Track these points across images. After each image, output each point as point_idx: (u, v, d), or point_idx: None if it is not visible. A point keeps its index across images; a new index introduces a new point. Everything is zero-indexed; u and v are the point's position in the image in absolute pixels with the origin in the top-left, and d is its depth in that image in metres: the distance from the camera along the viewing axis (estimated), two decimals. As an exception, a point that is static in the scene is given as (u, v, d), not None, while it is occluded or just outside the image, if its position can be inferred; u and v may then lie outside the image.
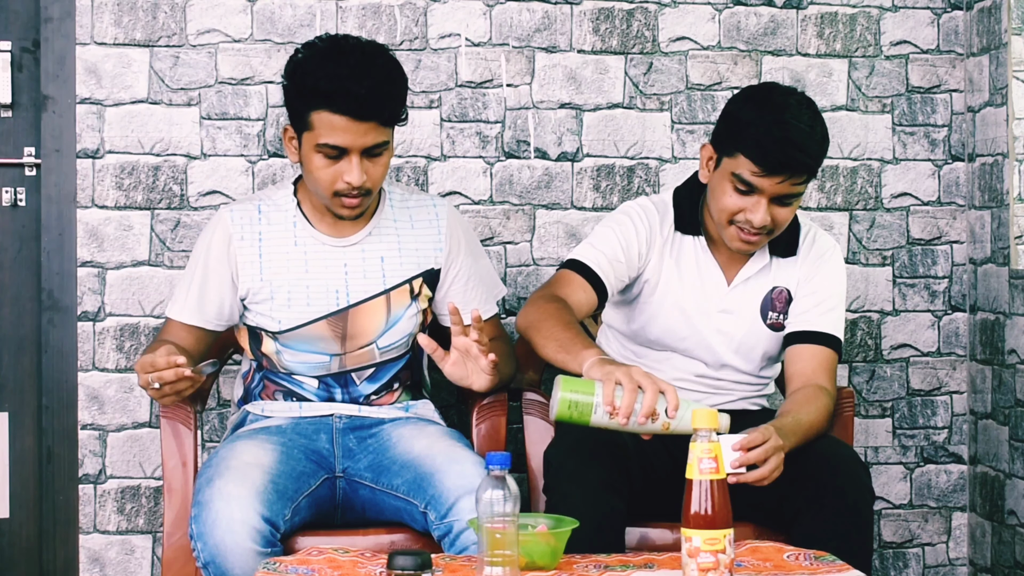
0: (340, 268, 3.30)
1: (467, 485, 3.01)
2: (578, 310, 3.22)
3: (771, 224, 3.18)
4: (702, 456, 2.43)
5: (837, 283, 3.37)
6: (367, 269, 3.31)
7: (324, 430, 3.31)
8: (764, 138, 3.10)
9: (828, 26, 4.08)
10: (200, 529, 2.95)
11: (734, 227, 3.20)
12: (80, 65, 3.84)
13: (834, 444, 3.20)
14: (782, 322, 3.35)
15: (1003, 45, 3.93)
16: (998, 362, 4.00)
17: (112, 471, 3.87)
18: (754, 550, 2.81)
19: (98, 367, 3.85)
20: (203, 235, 3.36)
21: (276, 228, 3.31)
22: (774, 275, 3.36)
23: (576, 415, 2.85)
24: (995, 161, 3.99)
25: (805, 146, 3.11)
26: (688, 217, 3.35)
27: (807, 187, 3.19)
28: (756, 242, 3.23)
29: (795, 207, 3.21)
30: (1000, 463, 4.00)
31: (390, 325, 3.32)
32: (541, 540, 2.64)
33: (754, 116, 3.14)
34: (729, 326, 3.34)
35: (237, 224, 3.31)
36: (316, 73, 3.12)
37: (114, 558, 3.87)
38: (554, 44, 3.99)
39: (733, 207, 3.18)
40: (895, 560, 4.17)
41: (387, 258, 3.33)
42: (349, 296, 3.29)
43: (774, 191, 3.14)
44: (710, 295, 3.34)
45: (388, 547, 3.07)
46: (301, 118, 3.16)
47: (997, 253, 3.99)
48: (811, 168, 3.14)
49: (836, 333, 3.33)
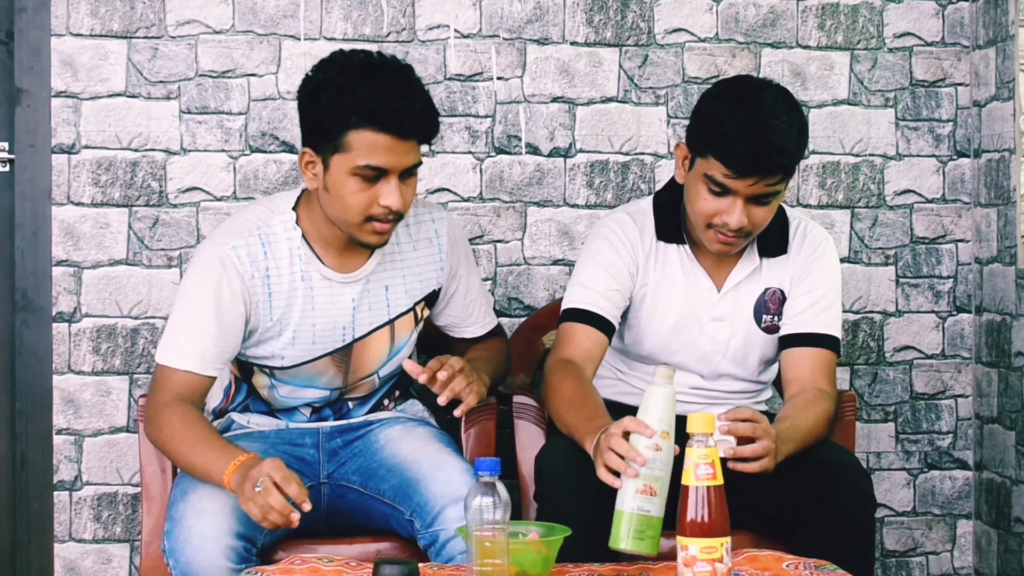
0: (348, 305, 3.17)
1: (453, 493, 2.99)
2: (592, 359, 3.22)
3: (748, 225, 3.12)
4: (698, 462, 2.42)
5: (832, 279, 3.32)
6: (373, 302, 3.21)
7: (310, 435, 3.28)
8: (735, 139, 3.02)
9: (829, 17, 4.08)
10: (172, 545, 2.94)
11: (712, 230, 3.15)
12: (55, 57, 3.82)
13: (835, 450, 3.18)
14: (777, 324, 3.31)
15: (1010, 37, 3.92)
16: (1004, 365, 3.99)
17: (88, 477, 3.85)
18: (752, 559, 2.80)
19: (74, 370, 3.83)
20: (204, 275, 3.10)
21: (282, 263, 3.12)
22: (766, 276, 3.31)
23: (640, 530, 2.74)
24: (1002, 157, 3.98)
25: (779, 145, 3.03)
26: (670, 225, 3.29)
27: (787, 185, 3.13)
28: (735, 243, 3.18)
29: (774, 206, 3.15)
30: (1007, 469, 3.99)
31: (392, 354, 3.27)
32: (532, 548, 2.62)
33: (725, 114, 3.06)
34: (723, 334, 3.31)
35: (245, 262, 3.10)
36: (357, 91, 2.94)
37: (90, 567, 3.85)
38: (546, 36, 3.97)
39: (709, 210, 3.12)
40: (898, 569, 4.16)
41: (392, 287, 3.23)
42: (355, 331, 3.20)
43: (749, 192, 3.07)
44: (701, 304, 3.30)
45: (374, 556, 3.06)
46: (331, 140, 2.97)
47: (1004, 252, 3.98)
48: (786, 168, 3.07)
49: (833, 332, 3.29)
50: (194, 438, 2.99)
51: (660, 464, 2.65)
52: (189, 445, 2.99)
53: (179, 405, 3.04)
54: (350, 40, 3.86)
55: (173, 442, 3.01)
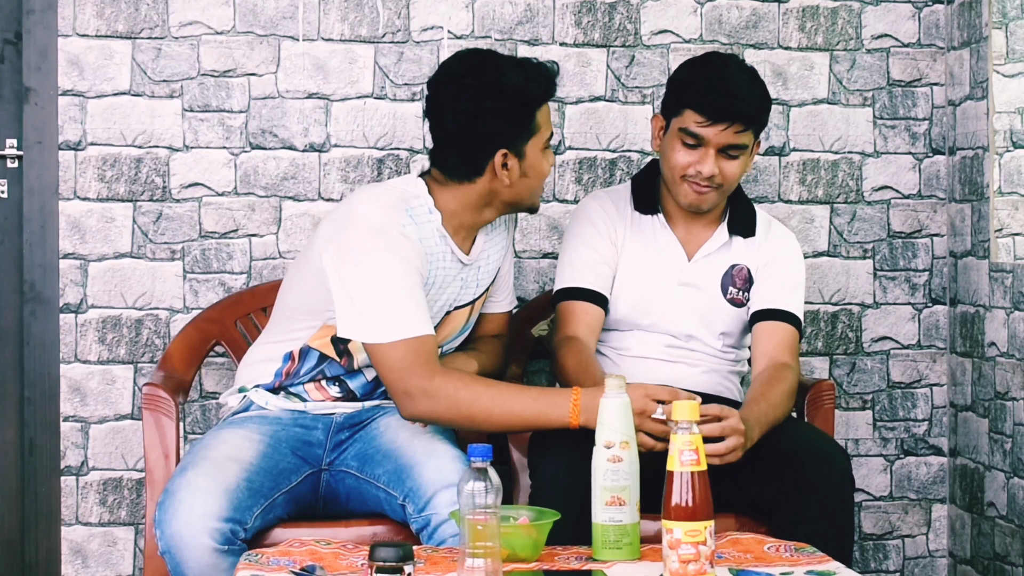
0: (459, 284, 3.29)
1: (444, 479, 3.01)
2: (593, 333, 3.40)
3: (719, 177, 3.32)
4: (683, 448, 2.45)
5: (798, 270, 3.50)
6: (470, 282, 3.33)
7: (323, 422, 3.30)
8: (706, 90, 3.29)
9: (810, 19, 4.09)
10: (161, 516, 2.96)
11: (685, 182, 3.35)
12: (62, 57, 3.83)
13: (816, 436, 3.24)
14: (742, 298, 3.45)
15: (984, 39, 3.94)
16: (978, 355, 4.01)
17: (94, 463, 3.86)
18: (735, 542, 2.83)
19: (80, 359, 3.85)
20: (388, 251, 3.09)
21: (430, 240, 3.18)
22: (734, 253, 3.47)
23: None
24: (975, 155, 4.00)
25: (744, 95, 3.30)
26: (647, 197, 3.48)
27: (752, 148, 3.35)
28: (707, 195, 3.35)
29: (742, 162, 3.34)
30: (980, 455, 4.01)
31: (461, 332, 3.38)
32: (523, 532, 2.67)
33: (696, 75, 3.35)
34: (690, 299, 3.44)
35: (414, 236, 3.14)
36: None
37: (96, 550, 3.87)
38: (536, 37, 4.00)
39: (683, 162, 3.33)
40: (875, 552, 4.18)
41: (482, 269, 3.35)
42: (450, 305, 3.31)
43: (719, 141, 3.29)
44: (672, 269, 3.45)
45: (370, 539, 3.07)
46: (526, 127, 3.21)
47: (977, 246, 4.00)
48: (752, 118, 3.31)
49: (797, 313, 3.45)
50: (509, 393, 3.07)
51: (624, 474, 2.70)
52: (509, 399, 3.06)
53: (445, 371, 3.08)
54: (347, 41, 3.89)
55: (478, 404, 3.05)
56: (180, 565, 2.93)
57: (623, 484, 2.70)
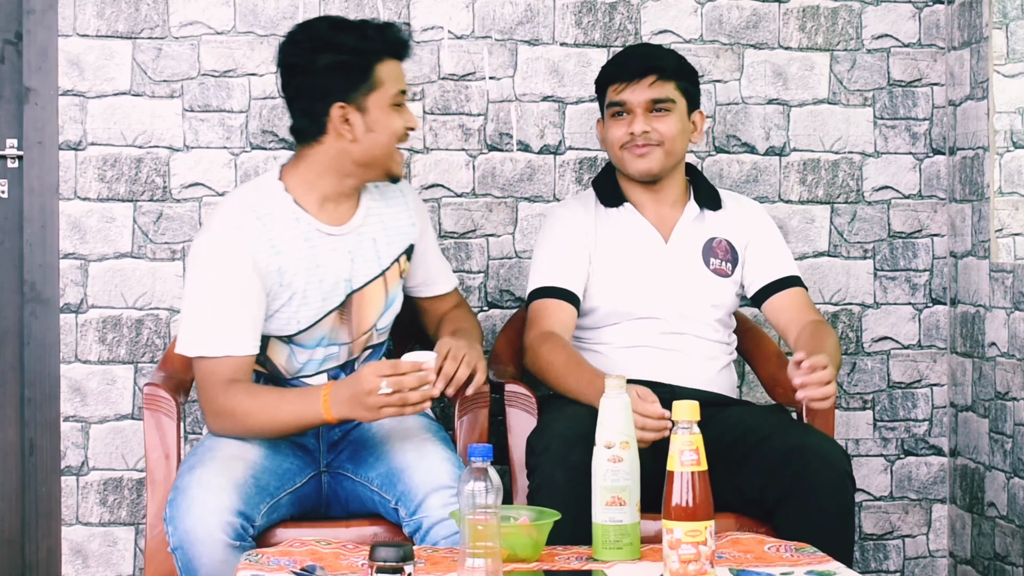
0: (346, 256, 3.25)
1: (434, 482, 3.02)
2: (567, 330, 3.41)
3: (655, 133, 3.42)
4: (683, 448, 2.45)
5: (777, 234, 3.60)
6: (365, 254, 3.28)
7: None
8: (615, 60, 3.54)
9: (810, 19, 4.10)
10: (173, 513, 2.96)
11: (626, 151, 3.46)
12: (62, 57, 3.83)
13: (815, 434, 3.24)
14: (726, 269, 3.49)
15: (984, 39, 3.94)
16: (978, 355, 4.01)
17: (95, 463, 3.86)
18: (735, 542, 2.83)
19: (80, 359, 3.85)
20: (213, 263, 3.14)
21: (283, 230, 3.18)
22: (709, 225, 3.52)
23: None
24: (976, 155, 4.00)
25: (651, 52, 3.56)
26: (609, 191, 3.54)
27: (679, 104, 3.44)
28: (649, 154, 3.44)
29: (676, 120, 3.45)
30: (980, 455, 4.01)
31: (387, 306, 3.33)
32: (523, 532, 2.66)
33: (610, 59, 3.60)
34: (676, 277, 3.47)
35: (252, 240, 3.14)
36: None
37: (96, 550, 3.87)
38: (536, 37, 4.00)
39: (619, 132, 3.45)
40: (875, 552, 4.18)
41: (378, 239, 3.30)
42: (353, 283, 3.26)
43: (640, 99, 3.43)
44: (651, 253, 3.48)
45: (370, 539, 3.07)
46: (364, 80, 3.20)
47: (977, 246, 4.00)
48: (662, 68, 3.44)
49: (797, 273, 3.54)
50: (271, 401, 3.09)
51: (624, 474, 2.70)
52: (271, 408, 3.08)
53: (228, 389, 3.09)
54: (347, 40, 3.92)
55: (251, 417, 3.08)
56: (192, 560, 2.92)
57: (623, 484, 2.70)
